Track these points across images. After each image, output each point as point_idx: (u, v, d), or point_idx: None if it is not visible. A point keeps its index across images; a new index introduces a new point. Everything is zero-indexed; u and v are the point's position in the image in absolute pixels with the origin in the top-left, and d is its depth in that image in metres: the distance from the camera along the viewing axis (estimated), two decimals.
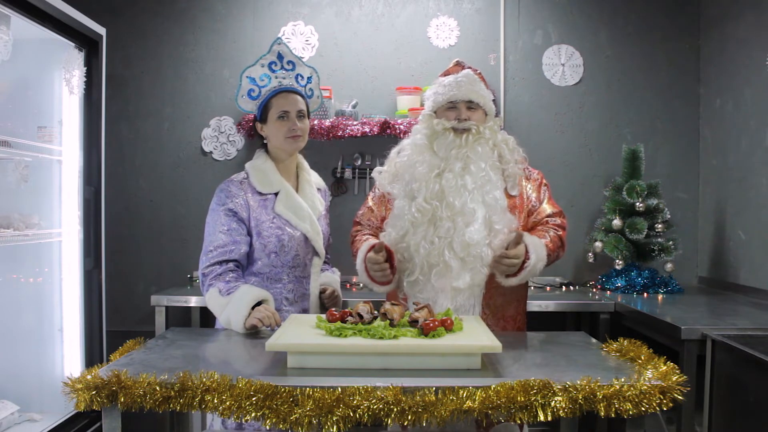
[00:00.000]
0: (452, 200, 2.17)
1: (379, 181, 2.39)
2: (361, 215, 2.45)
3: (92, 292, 3.03)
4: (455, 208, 2.17)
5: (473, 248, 2.13)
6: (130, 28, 3.75)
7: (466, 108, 2.25)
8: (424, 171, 2.23)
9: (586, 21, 3.79)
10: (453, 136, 2.23)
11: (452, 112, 2.26)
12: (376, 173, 2.41)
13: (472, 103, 2.25)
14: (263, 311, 2.08)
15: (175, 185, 3.78)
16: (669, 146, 3.80)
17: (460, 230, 2.15)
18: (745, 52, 3.30)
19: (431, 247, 2.17)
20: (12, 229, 2.64)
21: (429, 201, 2.19)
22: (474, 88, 2.27)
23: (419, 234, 2.19)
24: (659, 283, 3.39)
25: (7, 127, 2.73)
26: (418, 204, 2.19)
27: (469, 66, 2.38)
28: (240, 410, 1.49)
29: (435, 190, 2.19)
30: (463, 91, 2.25)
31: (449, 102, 2.27)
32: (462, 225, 2.15)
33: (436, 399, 1.48)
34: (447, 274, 2.16)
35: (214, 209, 2.25)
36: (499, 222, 2.16)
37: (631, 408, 1.50)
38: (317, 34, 3.76)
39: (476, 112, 2.26)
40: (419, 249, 2.18)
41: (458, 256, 2.14)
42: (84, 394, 1.52)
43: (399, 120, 3.52)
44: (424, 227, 2.19)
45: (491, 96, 2.35)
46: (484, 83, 2.35)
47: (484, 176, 2.19)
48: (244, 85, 2.31)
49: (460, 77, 2.29)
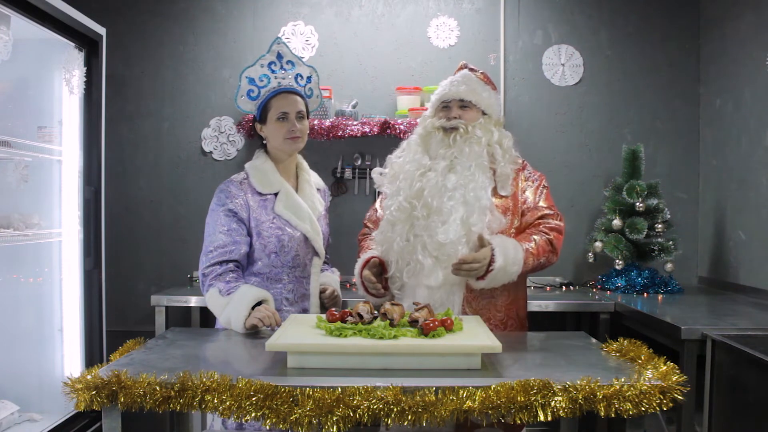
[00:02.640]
0: (430, 200, 2.18)
1: (378, 182, 2.43)
2: (368, 216, 2.50)
3: (92, 292, 3.03)
4: (432, 207, 2.18)
5: (447, 247, 2.14)
6: (130, 28, 3.75)
7: (458, 107, 2.26)
8: (411, 170, 2.26)
9: (586, 21, 3.79)
10: (442, 135, 2.25)
11: (445, 112, 2.29)
12: (376, 174, 2.44)
13: (465, 101, 2.26)
14: (263, 311, 2.08)
15: (175, 185, 3.78)
16: (669, 146, 3.79)
17: (435, 229, 2.16)
18: (745, 52, 3.30)
19: (406, 244, 2.20)
20: (12, 229, 2.65)
21: (409, 200, 2.21)
22: (468, 87, 2.27)
23: (396, 232, 2.22)
24: (659, 283, 3.39)
25: (7, 127, 2.73)
26: (398, 202, 2.23)
27: (472, 67, 2.38)
28: (240, 410, 1.49)
29: (415, 189, 2.22)
30: (454, 91, 2.27)
31: (442, 102, 2.30)
32: (437, 223, 2.16)
33: (436, 399, 1.48)
34: (420, 272, 2.17)
35: (214, 210, 2.25)
36: (477, 222, 2.15)
37: (631, 408, 1.50)
38: (317, 34, 3.76)
39: (470, 111, 2.27)
40: (394, 246, 2.21)
41: (431, 254, 2.16)
42: (84, 394, 1.52)
43: (399, 120, 3.52)
44: (401, 225, 2.21)
45: (496, 97, 2.34)
46: (489, 84, 2.36)
47: (469, 175, 2.19)
48: (243, 85, 2.31)
49: (456, 77, 2.31)
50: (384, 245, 2.26)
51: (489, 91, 2.33)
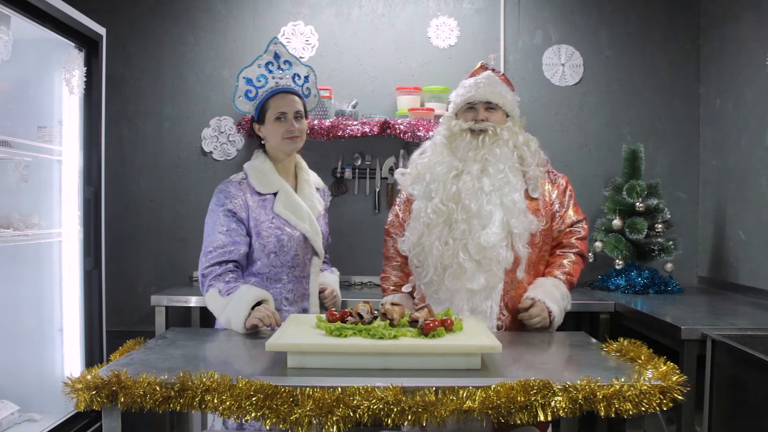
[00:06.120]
0: (468, 203, 2.17)
1: (402, 183, 2.41)
2: (389, 223, 2.47)
3: (92, 292, 3.02)
4: (471, 210, 2.17)
5: (489, 251, 2.14)
6: (130, 28, 3.75)
7: (484, 109, 2.26)
8: (442, 171, 2.24)
9: (586, 21, 3.79)
10: (470, 138, 2.24)
11: (470, 113, 2.27)
12: (399, 175, 2.43)
13: (491, 104, 2.26)
14: (263, 311, 2.08)
15: (175, 185, 3.78)
16: (669, 146, 3.79)
17: (476, 233, 2.15)
18: (745, 52, 3.30)
19: (445, 248, 2.18)
20: (12, 229, 2.64)
21: (445, 203, 2.20)
22: (494, 89, 2.27)
23: (434, 235, 2.19)
24: (659, 283, 3.39)
25: (7, 127, 2.73)
26: (434, 205, 2.20)
27: (492, 68, 2.38)
28: (240, 410, 1.49)
29: (452, 192, 2.20)
30: (481, 92, 2.26)
31: (467, 103, 2.28)
32: (478, 227, 2.16)
33: (436, 399, 1.48)
34: (461, 275, 2.16)
35: (213, 210, 2.25)
36: (517, 225, 2.17)
37: (631, 408, 1.50)
38: (317, 34, 3.76)
39: (495, 113, 2.26)
40: (433, 250, 2.19)
41: (473, 258, 2.15)
42: (84, 394, 1.52)
43: (399, 120, 3.52)
44: (439, 228, 2.20)
45: (515, 98, 2.35)
46: (509, 86, 2.36)
47: (503, 178, 2.20)
48: (240, 86, 2.30)
49: (480, 78, 2.30)
50: (416, 248, 2.24)
51: (510, 92, 2.34)
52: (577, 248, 2.32)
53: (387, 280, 2.43)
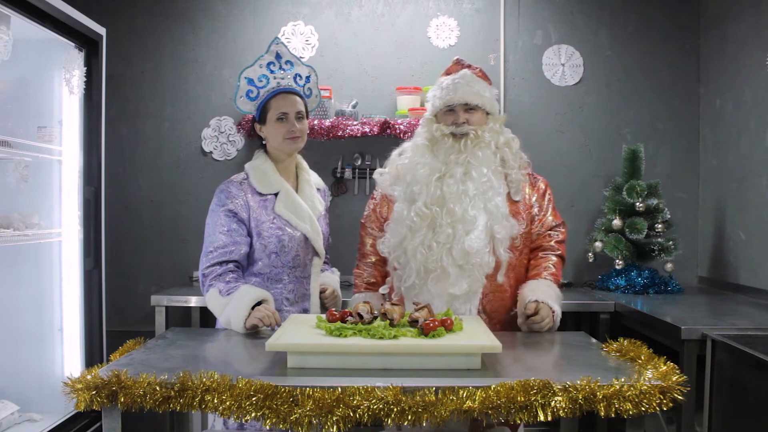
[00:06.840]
0: (453, 207, 2.16)
1: (380, 183, 2.38)
2: (366, 217, 2.44)
3: (92, 292, 3.02)
4: (456, 215, 2.15)
5: (473, 256, 2.13)
6: (130, 28, 3.75)
7: (463, 111, 2.22)
8: (425, 173, 2.21)
9: (586, 21, 3.79)
10: (452, 142, 2.22)
11: (450, 116, 2.24)
12: (377, 175, 2.40)
13: (470, 104, 2.24)
14: (263, 311, 2.07)
15: (175, 185, 3.78)
16: (669, 146, 3.79)
17: (460, 237, 2.14)
18: (745, 52, 3.30)
19: (429, 252, 2.16)
20: (12, 229, 2.64)
21: (429, 206, 2.17)
22: (472, 89, 2.23)
23: (417, 239, 2.17)
24: (659, 283, 3.39)
25: (7, 127, 2.73)
26: (418, 208, 2.18)
27: (468, 64, 2.34)
28: (240, 410, 1.49)
29: (436, 196, 2.18)
30: (459, 94, 2.22)
31: (447, 106, 2.25)
32: (462, 232, 2.14)
33: (436, 399, 1.48)
34: (444, 280, 2.15)
35: (214, 210, 2.25)
36: (500, 231, 2.16)
37: (631, 408, 1.50)
38: (317, 34, 3.76)
39: (475, 114, 2.24)
40: (416, 254, 2.17)
41: (457, 263, 2.14)
42: (84, 394, 1.52)
43: (399, 120, 3.52)
44: (422, 232, 2.18)
45: (494, 93, 2.31)
46: (486, 81, 2.31)
47: (486, 182, 2.18)
48: (242, 86, 2.30)
49: (457, 78, 2.25)
50: (398, 251, 2.22)
51: (488, 88, 2.30)
52: (558, 251, 2.30)
53: (360, 276, 2.40)
